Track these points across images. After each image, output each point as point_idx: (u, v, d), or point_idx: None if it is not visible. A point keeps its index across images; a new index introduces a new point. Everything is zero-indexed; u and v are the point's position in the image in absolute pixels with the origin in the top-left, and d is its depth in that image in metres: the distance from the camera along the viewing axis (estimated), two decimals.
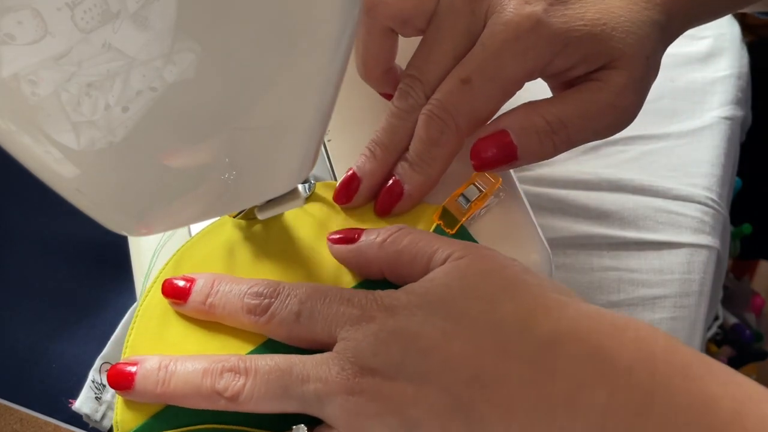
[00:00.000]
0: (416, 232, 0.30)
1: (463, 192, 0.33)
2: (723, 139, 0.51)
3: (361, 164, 0.33)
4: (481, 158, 0.31)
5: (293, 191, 0.30)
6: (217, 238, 0.33)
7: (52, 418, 0.39)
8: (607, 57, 0.30)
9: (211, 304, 0.30)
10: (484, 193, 0.33)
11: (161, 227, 0.29)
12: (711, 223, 0.47)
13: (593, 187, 0.47)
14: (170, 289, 0.31)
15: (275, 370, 0.27)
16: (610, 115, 0.31)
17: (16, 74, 0.18)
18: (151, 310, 0.32)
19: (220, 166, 0.24)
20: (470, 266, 0.27)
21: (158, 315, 0.31)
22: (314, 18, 0.20)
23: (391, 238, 0.30)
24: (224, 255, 0.33)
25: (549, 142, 0.31)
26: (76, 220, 0.27)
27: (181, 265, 0.33)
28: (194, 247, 0.33)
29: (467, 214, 0.32)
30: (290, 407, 0.27)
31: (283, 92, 0.22)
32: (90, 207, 0.24)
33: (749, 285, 0.88)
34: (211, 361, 0.28)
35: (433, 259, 0.28)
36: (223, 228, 0.34)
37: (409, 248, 0.29)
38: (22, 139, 0.20)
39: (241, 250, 0.33)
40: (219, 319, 0.30)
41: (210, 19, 0.18)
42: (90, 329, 0.41)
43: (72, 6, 0.16)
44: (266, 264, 0.33)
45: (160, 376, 0.28)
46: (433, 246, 0.29)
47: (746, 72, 0.56)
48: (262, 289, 0.29)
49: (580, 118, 0.31)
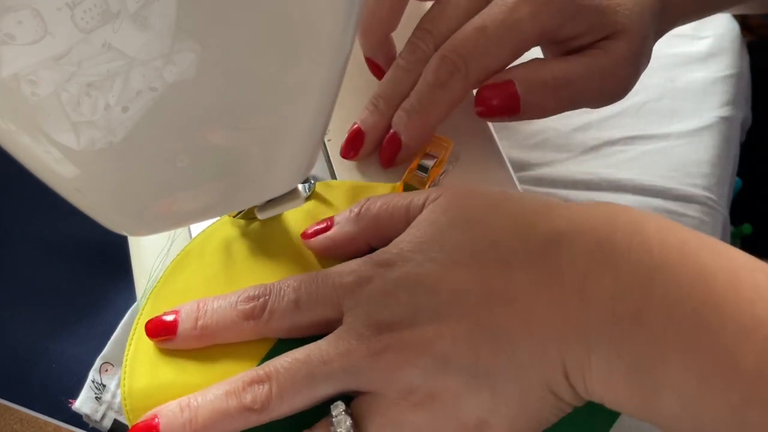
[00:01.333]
0: (384, 195, 0.31)
1: (420, 162, 0.34)
2: (723, 139, 0.51)
3: (365, 118, 0.34)
4: (486, 105, 0.32)
5: (293, 191, 0.30)
6: (216, 239, 0.33)
7: (52, 418, 0.39)
8: (611, 29, 0.32)
9: (203, 326, 0.29)
10: (440, 159, 0.34)
11: (161, 227, 0.29)
12: (711, 224, 0.47)
13: (593, 187, 0.47)
14: (155, 328, 0.29)
15: (295, 363, 0.27)
16: (610, 82, 0.33)
17: (16, 74, 0.18)
18: (140, 357, 0.30)
19: (220, 165, 0.24)
20: (451, 200, 0.28)
21: (148, 362, 0.30)
22: (314, 18, 0.20)
23: (363, 208, 0.30)
24: (224, 255, 0.33)
25: (552, 97, 0.32)
26: (76, 220, 0.27)
27: (183, 267, 0.33)
28: (195, 250, 0.33)
29: (428, 182, 0.33)
30: (323, 392, 0.26)
31: (283, 92, 0.22)
32: (90, 207, 0.24)
33: None
34: (229, 383, 0.27)
35: (410, 208, 0.29)
36: (222, 228, 0.34)
37: (384, 208, 0.30)
38: (22, 139, 0.20)
39: (241, 250, 0.33)
40: (216, 339, 0.29)
41: (210, 19, 0.18)
42: (90, 329, 0.42)
43: (72, 6, 0.16)
44: (266, 264, 0.32)
45: (185, 416, 0.27)
46: (406, 198, 0.29)
47: (746, 72, 0.56)
48: (252, 292, 0.29)
49: (583, 79, 0.32)
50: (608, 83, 0.33)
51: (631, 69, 0.33)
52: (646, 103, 0.52)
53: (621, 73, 0.33)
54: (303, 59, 0.21)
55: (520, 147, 0.50)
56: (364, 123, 0.34)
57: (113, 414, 0.39)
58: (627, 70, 0.33)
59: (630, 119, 0.51)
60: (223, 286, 0.32)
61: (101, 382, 0.39)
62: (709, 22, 0.57)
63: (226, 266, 0.33)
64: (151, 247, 0.36)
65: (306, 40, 0.21)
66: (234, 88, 0.21)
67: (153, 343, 0.30)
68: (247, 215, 0.33)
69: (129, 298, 0.41)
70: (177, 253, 0.33)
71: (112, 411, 0.39)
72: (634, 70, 0.34)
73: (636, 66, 0.34)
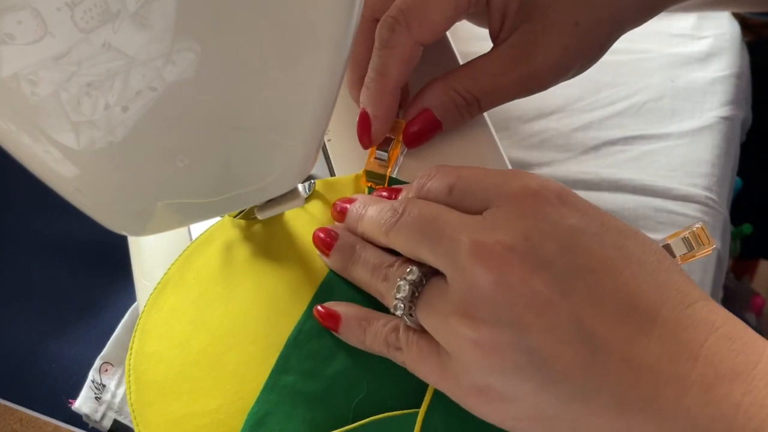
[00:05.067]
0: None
1: (377, 147, 0.34)
2: (723, 139, 0.51)
3: (362, 102, 0.34)
4: (411, 135, 0.34)
5: (293, 191, 0.30)
6: (217, 240, 0.33)
7: (52, 418, 0.39)
8: (529, 14, 0.32)
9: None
10: (396, 140, 0.34)
11: (161, 227, 0.29)
12: (711, 223, 0.47)
13: (593, 187, 0.47)
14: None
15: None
16: (521, 84, 0.33)
17: (16, 74, 0.18)
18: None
19: (220, 165, 0.24)
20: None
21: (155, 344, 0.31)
22: (314, 18, 0.20)
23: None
24: (224, 256, 0.33)
25: (467, 111, 0.34)
26: (76, 220, 0.27)
27: (185, 268, 0.33)
28: (196, 251, 0.33)
29: (390, 165, 0.34)
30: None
31: (283, 92, 0.22)
32: (90, 207, 0.24)
33: (749, 285, 0.88)
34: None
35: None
36: (223, 229, 0.34)
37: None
38: (22, 139, 0.20)
39: (241, 250, 0.33)
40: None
41: (210, 19, 0.18)
42: (90, 329, 0.42)
43: (72, 6, 0.16)
44: (266, 264, 0.32)
45: None
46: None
47: (746, 72, 0.56)
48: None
49: (490, 94, 0.33)
50: (518, 86, 0.33)
51: (548, 65, 0.32)
52: (646, 103, 0.52)
53: (533, 69, 0.32)
54: (303, 59, 0.21)
55: (520, 147, 0.50)
56: (363, 104, 0.34)
57: (113, 414, 0.39)
58: (541, 65, 0.32)
59: (630, 119, 0.51)
60: (222, 286, 0.32)
61: (101, 382, 0.39)
62: (709, 22, 0.57)
63: (227, 268, 0.33)
64: (151, 247, 0.36)
65: (306, 40, 0.21)
66: (234, 88, 0.21)
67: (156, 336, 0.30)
68: (247, 215, 0.33)
69: (129, 298, 0.41)
70: (177, 253, 0.33)
71: (111, 411, 0.39)
72: (553, 62, 0.32)
73: (557, 57, 0.32)
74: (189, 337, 0.31)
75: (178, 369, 0.30)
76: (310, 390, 0.29)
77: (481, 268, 0.23)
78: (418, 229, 0.26)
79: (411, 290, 0.26)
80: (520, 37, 0.33)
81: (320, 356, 0.30)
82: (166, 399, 0.29)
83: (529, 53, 0.32)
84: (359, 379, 0.29)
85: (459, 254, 0.24)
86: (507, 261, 0.23)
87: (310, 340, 0.30)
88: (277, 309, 0.31)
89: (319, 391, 0.29)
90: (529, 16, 0.32)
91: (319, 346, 0.30)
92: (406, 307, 0.26)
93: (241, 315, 0.31)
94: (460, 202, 0.26)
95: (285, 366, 0.29)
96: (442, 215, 0.26)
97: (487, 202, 0.26)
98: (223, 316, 0.31)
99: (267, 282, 0.32)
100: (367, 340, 0.29)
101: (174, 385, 0.30)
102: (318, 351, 0.30)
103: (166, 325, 0.31)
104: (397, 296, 0.26)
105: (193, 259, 0.33)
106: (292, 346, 0.30)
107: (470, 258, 0.24)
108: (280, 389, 0.29)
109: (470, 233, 0.24)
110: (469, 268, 0.24)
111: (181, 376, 0.30)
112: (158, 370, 0.30)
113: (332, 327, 0.30)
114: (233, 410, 0.29)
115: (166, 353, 0.30)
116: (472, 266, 0.24)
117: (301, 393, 0.29)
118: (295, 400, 0.29)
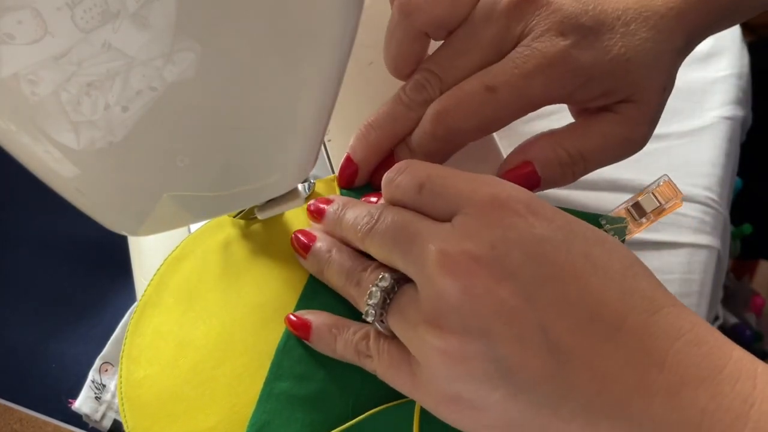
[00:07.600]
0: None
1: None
2: (723, 139, 0.51)
3: (355, 148, 0.34)
4: None
5: (293, 191, 0.30)
6: (215, 237, 0.33)
7: (52, 418, 0.39)
8: (627, 92, 0.32)
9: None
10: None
11: (161, 227, 0.29)
12: (711, 223, 0.47)
13: (593, 187, 0.47)
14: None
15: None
16: (625, 147, 0.33)
17: (16, 74, 0.18)
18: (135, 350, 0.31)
19: (220, 165, 0.24)
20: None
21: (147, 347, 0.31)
22: (314, 18, 0.20)
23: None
24: (223, 254, 0.33)
25: (570, 172, 0.33)
26: (76, 220, 0.27)
27: (162, 287, 0.32)
28: (170, 268, 0.33)
29: None
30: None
31: (283, 92, 0.22)
32: (90, 207, 0.24)
33: (749, 285, 0.88)
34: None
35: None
36: (221, 227, 0.34)
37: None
38: (22, 139, 0.20)
39: (240, 249, 0.33)
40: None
41: (210, 19, 0.18)
42: (90, 329, 0.41)
43: (72, 6, 0.16)
44: (265, 263, 0.32)
45: None
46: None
47: (746, 72, 0.56)
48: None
49: (597, 152, 0.33)
50: (623, 148, 0.33)
51: (646, 128, 0.33)
52: None
53: (635, 137, 0.33)
54: (303, 59, 0.21)
55: None
56: (355, 154, 0.34)
57: (113, 414, 0.39)
58: (642, 132, 0.33)
59: None
60: (204, 302, 0.32)
61: (101, 382, 0.39)
62: None
63: (225, 266, 0.33)
64: (151, 247, 0.36)
65: (306, 40, 0.21)
66: (234, 88, 0.21)
67: (150, 335, 0.31)
68: (247, 215, 0.33)
69: (129, 298, 0.41)
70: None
71: (111, 411, 0.39)
72: (650, 128, 0.33)
73: (652, 122, 0.33)
74: (177, 357, 0.30)
75: (170, 390, 0.30)
76: (306, 393, 0.29)
77: (448, 278, 0.24)
78: (390, 236, 0.26)
79: (383, 297, 0.26)
80: (613, 114, 0.32)
81: (312, 359, 0.30)
82: (162, 422, 0.29)
83: (629, 119, 0.32)
84: (354, 376, 0.29)
85: (427, 263, 0.25)
86: (474, 271, 0.24)
87: (300, 345, 0.30)
88: (264, 317, 0.31)
89: (315, 393, 0.29)
90: (622, 83, 0.32)
91: (309, 350, 0.30)
92: (377, 314, 0.26)
93: (227, 328, 0.31)
94: (430, 203, 0.27)
95: (278, 373, 0.29)
96: (414, 223, 0.26)
97: (456, 207, 0.26)
98: (209, 331, 0.31)
99: (250, 292, 0.32)
100: (338, 349, 0.29)
101: (168, 407, 0.29)
102: (309, 354, 0.30)
103: (151, 348, 0.31)
104: (369, 302, 0.26)
105: (168, 277, 0.33)
106: (282, 352, 0.30)
107: (437, 267, 0.24)
108: (276, 397, 0.29)
109: (438, 242, 0.25)
110: (436, 277, 0.24)
111: (175, 397, 0.29)
112: (151, 394, 0.30)
113: (303, 336, 0.30)
114: (232, 424, 0.29)
115: (156, 376, 0.30)
116: (439, 276, 0.24)
117: (297, 397, 0.29)
118: (293, 405, 0.29)
